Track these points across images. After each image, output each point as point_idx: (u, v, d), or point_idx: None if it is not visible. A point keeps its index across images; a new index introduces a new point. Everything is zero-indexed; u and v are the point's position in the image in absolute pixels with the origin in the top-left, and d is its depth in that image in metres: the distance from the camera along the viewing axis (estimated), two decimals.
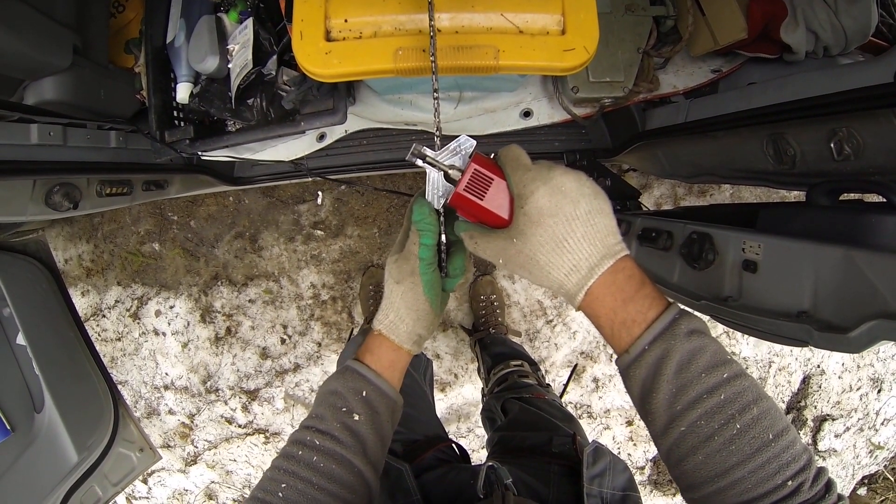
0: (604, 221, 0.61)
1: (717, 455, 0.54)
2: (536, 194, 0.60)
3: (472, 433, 2.68)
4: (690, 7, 1.45)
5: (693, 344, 0.57)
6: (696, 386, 0.55)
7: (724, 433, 0.54)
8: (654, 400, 0.58)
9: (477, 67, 0.85)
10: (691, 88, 1.55)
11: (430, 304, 0.75)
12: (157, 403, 2.69)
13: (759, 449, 0.53)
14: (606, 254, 0.60)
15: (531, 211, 0.60)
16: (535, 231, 0.60)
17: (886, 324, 0.76)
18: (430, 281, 0.74)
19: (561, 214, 0.59)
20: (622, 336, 0.60)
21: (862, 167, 0.99)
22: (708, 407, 0.55)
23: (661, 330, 0.58)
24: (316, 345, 2.57)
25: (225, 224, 2.47)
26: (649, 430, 0.62)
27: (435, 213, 0.71)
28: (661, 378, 0.57)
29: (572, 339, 2.61)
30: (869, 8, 1.33)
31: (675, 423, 0.57)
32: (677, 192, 2.48)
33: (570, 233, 0.59)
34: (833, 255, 0.86)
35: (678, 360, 0.56)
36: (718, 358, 0.57)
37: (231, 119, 1.24)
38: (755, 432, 0.54)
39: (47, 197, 1.29)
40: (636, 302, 0.59)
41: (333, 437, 0.69)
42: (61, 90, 1.25)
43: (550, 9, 0.91)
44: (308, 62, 0.88)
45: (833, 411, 2.86)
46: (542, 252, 0.60)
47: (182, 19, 1.31)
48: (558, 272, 0.60)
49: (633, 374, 0.60)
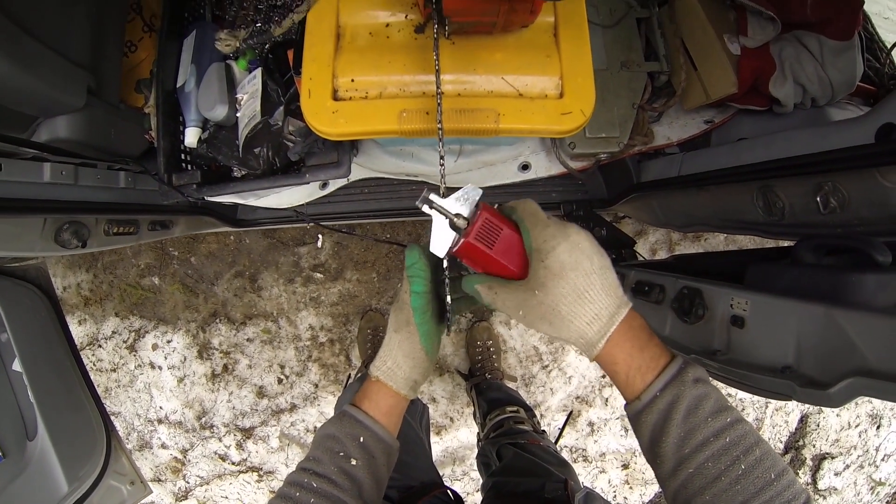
0: (612, 276, 0.65)
1: (724, 494, 0.56)
2: (558, 249, 0.63)
3: (468, 476, 2.66)
4: (683, 63, 1.51)
5: (699, 391, 0.60)
6: (704, 430, 0.59)
7: (731, 474, 0.57)
8: (664, 443, 0.60)
9: (478, 130, 0.89)
10: (685, 139, 1.59)
11: (427, 352, 0.77)
12: (150, 437, 2.66)
13: (763, 488, 0.56)
14: (621, 304, 0.64)
15: (553, 265, 0.63)
16: (558, 283, 0.62)
17: (864, 381, 0.79)
18: (427, 332, 0.76)
19: (581, 269, 0.62)
20: (636, 382, 0.63)
21: (848, 219, 1.02)
22: (715, 449, 0.58)
23: (671, 377, 0.61)
24: (313, 386, 2.57)
25: (225, 262, 2.49)
26: (656, 473, 0.64)
27: (425, 260, 0.73)
28: (671, 423, 0.60)
29: (567, 383, 2.61)
30: (854, 59, 1.38)
31: (683, 466, 0.59)
32: (672, 237, 2.52)
33: (591, 285, 0.62)
34: (815, 312, 0.88)
35: (687, 406, 0.59)
36: (721, 404, 0.60)
37: (238, 167, 1.27)
38: (758, 472, 0.56)
39: (57, 234, 1.31)
40: (650, 349, 0.63)
41: (330, 480, 0.71)
42: (74, 129, 1.27)
43: (549, 72, 0.95)
44: (316, 121, 0.92)
45: (832, 449, 2.85)
46: (564, 303, 0.62)
47: (193, 65, 1.34)
48: (580, 321, 0.63)
49: (644, 420, 0.62)
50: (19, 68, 1.04)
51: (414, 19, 0.98)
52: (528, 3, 0.83)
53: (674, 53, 1.52)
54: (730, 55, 1.41)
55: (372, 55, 0.95)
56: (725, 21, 1.45)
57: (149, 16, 1.50)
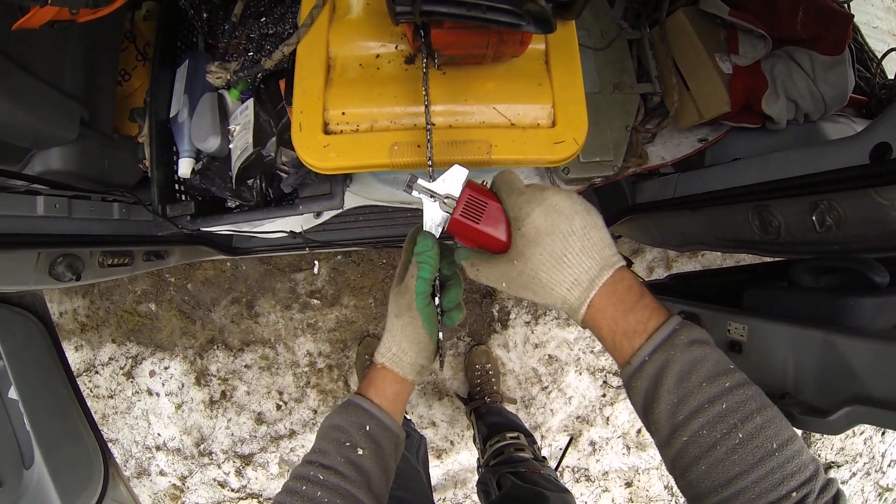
0: (599, 235, 0.63)
1: (720, 465, 0.54)
2: (532, 215, 0.62)
3: (469, 499, 2.64)
4: (676, 84, 1.51)
5: (694, 354, 0.57)
6: (697, 396, 0.56)
7: (727, 442, 0.54)
8: (656, 410, 0.58)
9: (470, 162, 0.89)
10: (679, 159, 1.60)
11: (430, 336, 0.76)
12: (148, 464, 2.64)
13: (763, 458, 0.53)
14: (605, 265, 0.61)
15: (529, 232, 0.62)
16: (535, 251, 0.61)
17: (863, 409, 0.78)
18: (429, 315, 0.75)
19: (558, 232, 0.61)
20: (624, 346, 0.61)
21: (844, 237, 1.02)
22: (709, 416, 0.55)
23: (661, 340, 0.58)
24: (312, 412, 2.56)
25: (222, 289, 2.49)
26: (654, 441, 0.62)
27: (437, 247, 0.72)
28: (661, 388, 0.57)
29: (568, 404, 2.60)
30: (846, 73, 1.39)
31: (677, 433, 0.57)
32: (669, 254, 2.52)
33: (569, 248, 0.61)
34: (814, 337, 0.88)
35: (678, 371, 0.57)
36: (720, 367, 0.57)
37: (231, 198, 1.27)
38: (758, 441, 0.53)
39: (51, 268, 1.31)
40: (637, 312, 0.61)
41: (337, 471, 0.69)
42: (68, 161, 1.26)
43: (541, 100, 0.95)
44: (307, 155, 0.91)
45: (838, 458, 2.83)
46: (543, 270, 0.61)
47: (185, 95, 1.34)
48: (560, 287, 0.61)
49: (636, 386, 0.60)
50: (10, 102, 1.04)
51: (404, 50, 0.97)
52: (518, 35, 0.83)
53: (666, 74, 1.52)
54: (721, 74, 1.42)
55: (362, 87, 0.95)
56: (716, 40, 1.46)
57: (142, 44, 1.51)
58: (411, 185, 0.69)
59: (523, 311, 2.55)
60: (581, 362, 2.59)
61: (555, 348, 2.57)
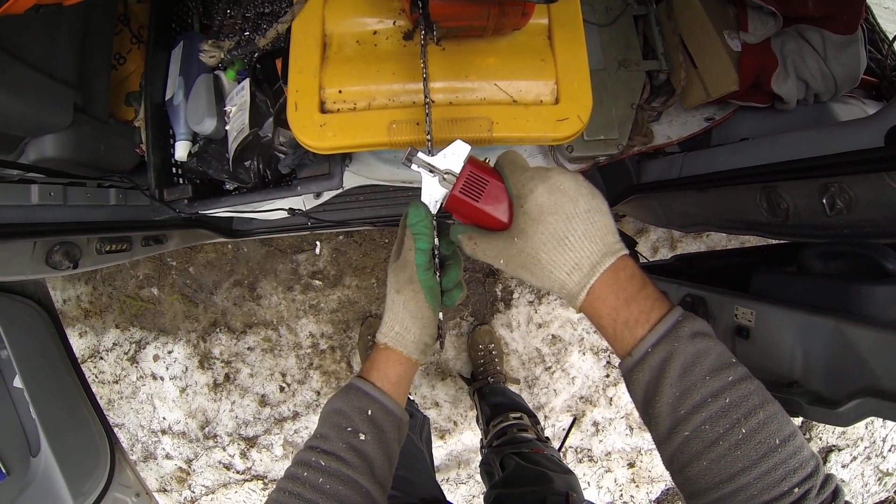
0: (603, 220, 0.60)
1: (722, 460, 0.52)
2: (536, 192, 0.60)
3: (472, 479, 2.65)
4: (682, 61, 1.48)
5: (697, 346, 0.55)
6: (701, 389, 0.54)
7: (730, 438, 0.52)
8: (658, 404, 0.56)
9: (471, 140, 0.86)
10: (685, 138, 1.57)
11: (433, 310, 0.74)
12: (154, 448, 2.66)
13: (765, 454, 0.51)
14: (607, 251, 0.59)
15: (531, 209, 0.60)
16: (537, 229, 0.59)
17: (874, 402, 0.76)
18: (431, 287, 0.73)
19: (561, 212, 0.59)
20: (625, 337, 0.59)
21: (854, 220, 0.99)
22: (712, 411, 0.53)
23: (665, 332, 0.56)
24: (315, 393, 2.56)
25: (224, 271, 2.48)
26: (652, 436, 0.60)
27: (431, 217, 0.70)
28: (664, 381, 0.55)
29: (571, 384, 2.60)
30: (858, 53, 1.35)
31: (678, 428, 0.55)
32: (674, 234, 2.50)
33: (571, 230, 0.58)
34: (824, 325, 0.86)
35: (682, 363, 0.55)
36: (723, 361, 0.56)
37: (228, 181, 1.24)
38: (761, 437, 0.52)
39: (48, 256, 1.29)
40: (639, 302, 0.58)
41: (339, 457, 0.67)
42: (62, 148, 1.24)
43: (544, 76, 0.92)
44: (303, 134, 0.89)
45: (839, 442, 2.85)
46: (543, 250, 0.59)
47: (181, 77, 1.32)
48: (560, 271, 0.59)
49: (637, 378, 0.58)
50: (1, 91, 1.02)
51: (402, 26, 0.94)
52: (519, 5, 0.80)
53: (672, 51, 1.49)
54: (730, 52, 1.38)
55: (359, 64, 0.92)
56: (725, 17, 1.42)
57: (136, 27, 1.48)
58: (410, 158, 0.67)
59: (527, 291, 2.53)
60: (584, 342, 2.58)
61: (558, 328, 2.56)
